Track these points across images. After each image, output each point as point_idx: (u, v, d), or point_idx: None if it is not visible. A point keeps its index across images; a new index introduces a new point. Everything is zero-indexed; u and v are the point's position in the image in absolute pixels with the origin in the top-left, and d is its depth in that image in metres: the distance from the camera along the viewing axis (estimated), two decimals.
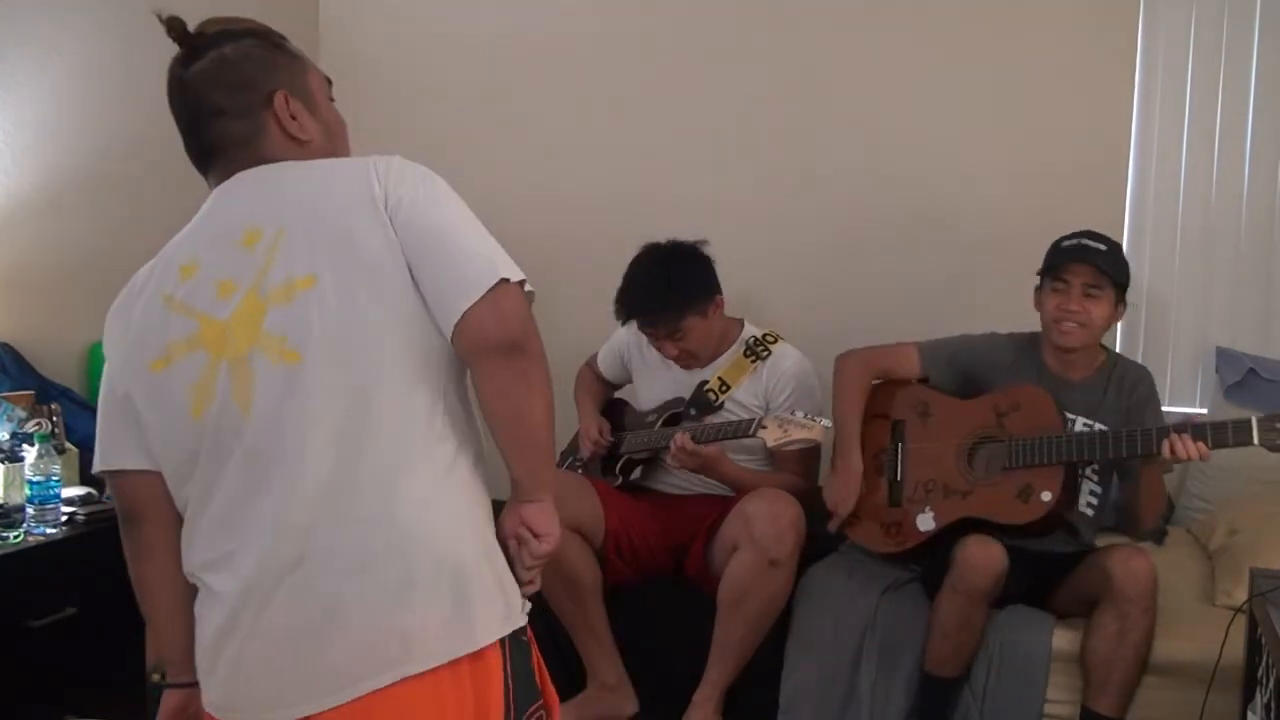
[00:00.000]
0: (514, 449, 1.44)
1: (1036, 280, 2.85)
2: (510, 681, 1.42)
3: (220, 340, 1.43)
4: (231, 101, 1.51)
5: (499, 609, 1.44)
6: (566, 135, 3.87)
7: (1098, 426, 2.76)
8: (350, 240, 1.41)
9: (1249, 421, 2.51)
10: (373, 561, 1.36)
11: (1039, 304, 2.84)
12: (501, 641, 1.43)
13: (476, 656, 1.39)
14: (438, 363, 1.44)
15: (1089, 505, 2.81)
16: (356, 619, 1.35)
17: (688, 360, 3.16)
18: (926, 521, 2.86)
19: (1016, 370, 2.89)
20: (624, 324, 3.20)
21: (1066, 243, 2.79)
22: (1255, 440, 2.50)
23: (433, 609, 1.37)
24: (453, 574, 1.39)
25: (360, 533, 1.37)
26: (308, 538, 1.37)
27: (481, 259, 1.41)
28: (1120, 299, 2.78)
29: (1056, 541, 2.79)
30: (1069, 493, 2.74)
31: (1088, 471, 2.81)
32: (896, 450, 3.00)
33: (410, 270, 1.42)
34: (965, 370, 2.96)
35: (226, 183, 1.52)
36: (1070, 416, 2.79)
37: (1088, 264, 2.72)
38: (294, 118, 1.53)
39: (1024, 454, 2.74)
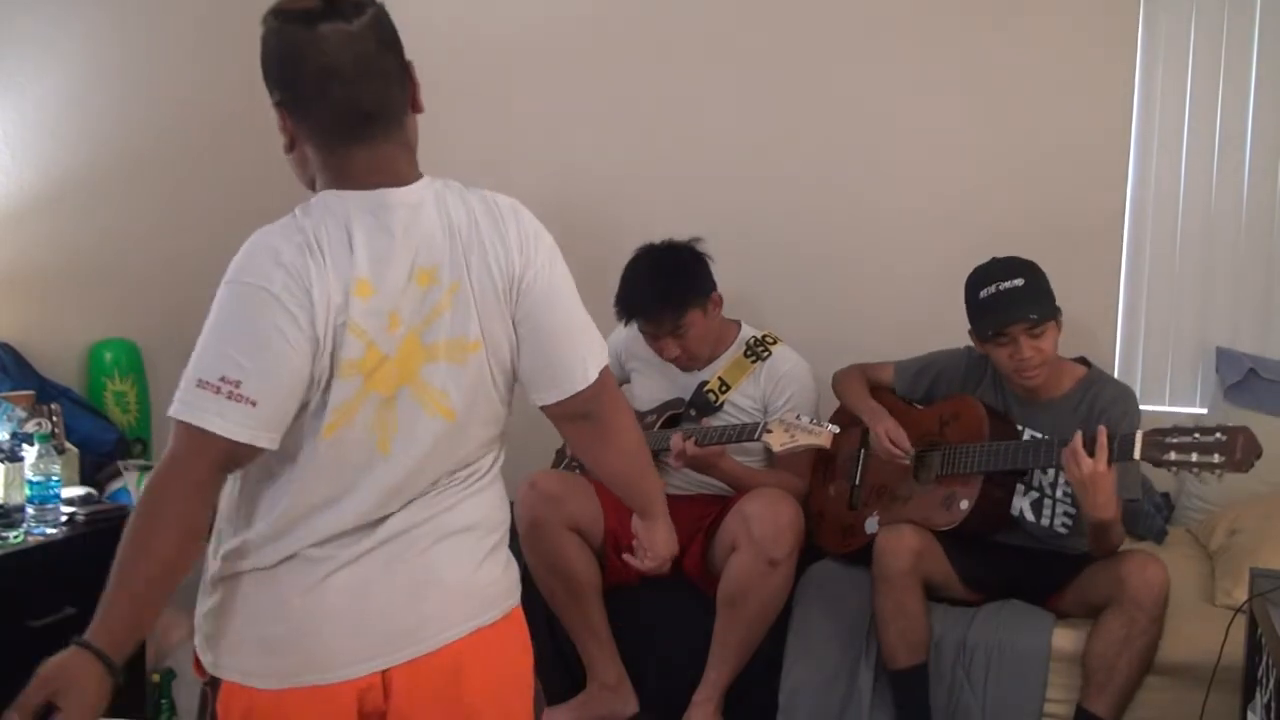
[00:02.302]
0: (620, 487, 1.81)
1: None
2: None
3: (376, 371, 1.46)
4: (393, 65, 1.48)
5: (518, 572, 1.68)
6: (565, 136, 3.87)
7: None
8: (500, 317, 1.52)
9: (1132, 435, 2.48)
10: (455, 533, 1.55)
11: (984, 350, 2.80)
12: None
13: (517, 610, 1.64)
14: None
15: (1063, 525, 2.80)
16: (450, 577, 1.53)
17: (687, 361, 3.16)
18: (873, 525, 2.93)
19: (977, 389, 2.90)
20: (625, 324, 3.20)
21: (985, 292, 2.74)
22: (1136, 454, 2.46)
23: (496, 569, 1.60)
24: (502, 543, 1.63)
25: (446, 516, 1.55)
26: (409, 523, 1.52)
27: (580, 358, 1.58)
28: (1058, 312, 2.73)
29: (1067, 543, 2.80)
30: (992, 500, 2.76)
31: (1059, 494, 2.79)
32: (859, 457, 3.08)
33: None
34: (930, 385, 3.02)
35: (396, 194, 1.46)
36: (1032, 434, 2.77)
37: (1024, 321, 2.67)
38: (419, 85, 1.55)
39: (950, 462, 2.80)
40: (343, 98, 1.43)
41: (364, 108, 1.45)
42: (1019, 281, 2.71)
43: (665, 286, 3.08)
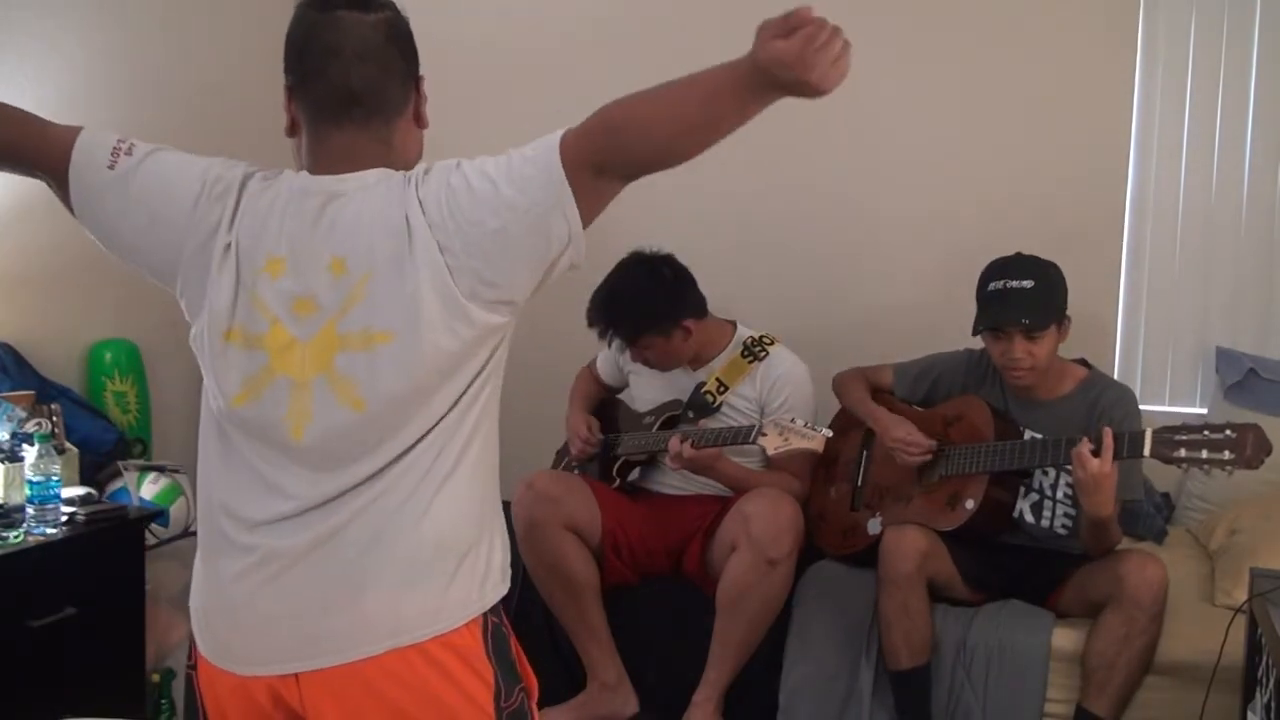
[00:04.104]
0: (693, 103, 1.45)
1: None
2: (495, 664, 1.51)
3: (286, 354, 1.46)
4: (397, 63, 1.52)
5: (476, 593, 1.52)
6: None
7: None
8: (420, 306, 1.43)
9: (1141, 433, 2.50)
10: (387, 545, 1.46)
11: (983, 341, 2.81)
12: (483, 625, 1.51)
13: (455, 636, 1.48)
14: (475, 392, 1.50)
15: (1063, 527, 2.81)
16: (367, 595, 1.45)
17: (659, 368, 3.17)
18: (875, 526, 2.93)
19: (978, 391, 2.91)
20: (589, 326, 3.18)
21: (993, 285, 2.74)
22: (1146, 452, 2.48)
23: (429, 589, 1.47)
24: (448, 560, 1.48)
25: (379, 518, 1.46)
26: (336, 520, 1.46)
27: (530, 172, 1.43)
28: (1063, 319, 2.74)
29: (1067, 544, 2.80)
30: (995, 501, 2.76)
31: (1060, 495, 2.80)
32: (861, 458, 3.08)
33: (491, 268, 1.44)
34: (930, 388, 3.02)
35: (325, 182, 1.48)
36: (1032, 435, 2.77)
37: (1018, 326, 2.68)
38: (425, 100, 1.58)
39: (955, 463, 2.79)
40: (337, 75, 1.49)
41: (352, 87, 1.49)
42: (1028, 283, 2.71)
43: (624, 306, 3.08)
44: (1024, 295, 2.70)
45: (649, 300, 3.07)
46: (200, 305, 1.50)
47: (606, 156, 1.45)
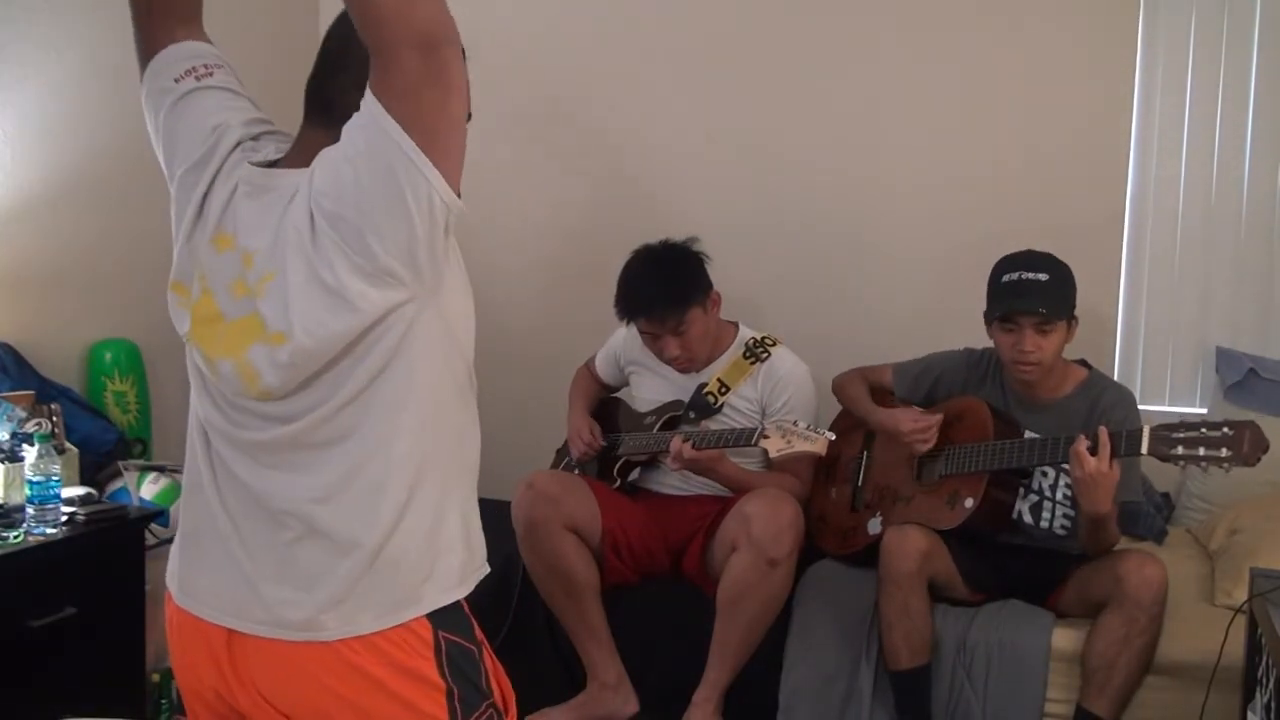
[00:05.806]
0: None
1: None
2: (452, 681, 1.46)
3: (205, 326, 1.48)
4: None
5: (411, 596, 1.46)
6: (567, 138, 3.87)
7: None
8: (306, 302, 1.39)
9: (1139, 430, 2.51)
10: (314, 534, 1.44)
11: (991, 335, 2.82)
12: (435, 644, 1.46)
13: (393, 641, 1.44)
14: (390, 384, 1.43)
15: (1062, 527, 2.81)
16: (290, 578, 1.44)
17: (685, 363, 3.16)
18: (875, 526, 2.94)
19: (979, 390, 2.91)
20: (627, 324, 3.20)
21: (1007, 277, 2.76)
22: (1144, 450, 2.48)
23: (347, 586, 1.43)
24: (369, 561, 1.44)
25: (313, 509, 1.45)
26: (291, 497, 1.45)
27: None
28: (1072, 318, 2.76)
29: (1066, 544, 2.80)
30: (994, 500, 2.76)
31: (1059, 496, 2.81)
32: (862, 459, 3.09)
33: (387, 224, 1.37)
34: (931, 388, 3.02)
35: (260, 174, 1.48)
36: (1033, 436, 2.77)
37: (1033, 314, 2.69)
38: None
39: (955, 462, 2.80)
40: (318, 75, 1.51)
41: (325, 92, 1.49)
42: (1043, 276, 2.73)
43: (666, 284, 3.08)
44: (1039, 286, 2.71)
45: (686, 269, 3.11)
46: (176, 232, 1.54)
47: (419, 27, 1.32)
